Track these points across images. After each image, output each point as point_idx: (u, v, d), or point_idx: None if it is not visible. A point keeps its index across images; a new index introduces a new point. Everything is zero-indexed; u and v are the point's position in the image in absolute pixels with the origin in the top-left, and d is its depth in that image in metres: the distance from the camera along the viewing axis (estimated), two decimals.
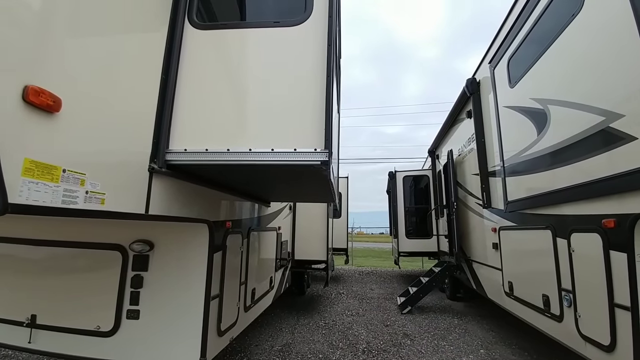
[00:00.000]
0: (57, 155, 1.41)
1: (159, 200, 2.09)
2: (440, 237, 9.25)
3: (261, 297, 4.51)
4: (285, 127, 2.15)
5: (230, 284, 3.31)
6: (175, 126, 2.20)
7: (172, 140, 2.19)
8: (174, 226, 2.74)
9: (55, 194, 1.40)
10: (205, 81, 2.30)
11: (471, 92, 5.63)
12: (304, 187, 3.32)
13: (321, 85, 2.13)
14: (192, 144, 2.17)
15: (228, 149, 2.13)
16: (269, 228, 5.12)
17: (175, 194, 2.37)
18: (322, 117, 2.08)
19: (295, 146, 2.08)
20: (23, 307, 2.94)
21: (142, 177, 1.99)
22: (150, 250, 2.83)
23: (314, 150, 2.05)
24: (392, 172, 10.70)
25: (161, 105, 2.16)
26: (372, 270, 13.99)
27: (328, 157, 2.03)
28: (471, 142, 6.15)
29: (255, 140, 2.15)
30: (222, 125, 2.24)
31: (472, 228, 6.38)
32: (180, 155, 2.17)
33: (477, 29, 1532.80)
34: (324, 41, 2.19)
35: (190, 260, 2.78)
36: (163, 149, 2.13)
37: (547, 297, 3.56)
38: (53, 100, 1.37)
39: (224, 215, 3.30)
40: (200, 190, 2.82)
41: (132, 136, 1.95)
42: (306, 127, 2.10)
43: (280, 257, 5.69)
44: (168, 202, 2.24)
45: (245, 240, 3.86)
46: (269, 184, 3.26)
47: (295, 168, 2.20)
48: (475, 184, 6.10)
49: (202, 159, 2.15)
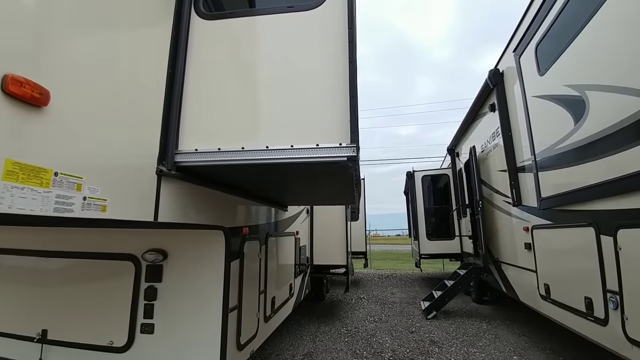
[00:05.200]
0: (47, 156, 1.24)
1: (168, 206, 1.92)
2: (463, 238, 8.89)
3: (281, 305, 4.31)
4: (305, 120, 1.95)
5: (249, 293, 3.13)
6: (184, 124, 2.02)
7: (182, 139, 2.01)
8: (187, 234, 2.57)
9: (45, 201, 1.24)
10: (215, 75, 2.13)
11: (494, 83, 5.32)
12: (326, 187, 3.10)
13: (344, 72, 1.91)
14: (203, 143, 1.99)
15: (243, 147, 1.93)
16: (287, 233, 4.92)
17: (187, 199, 2.20)
18: (346, 107, 1.87)
19: (317, 141, 1.86)
20: (33, 322, 2.82)
21: (150, 180, 1.83)
22: (164, 259, 2.66)
23: (339, 145, 1.83)
24: (410, 172, 10.39)
25: (168, 102, 1.99)
26: (391, 273, 13.66)
27: (355, 152, 1.81)
28: (496, 137, 5.84)
29: (272, 136, 1.95)
30: (235, 121, 2.05)
31: (500, 228, 6.04)
32: (190, 156, 1.99)
33: (489, 29, 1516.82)
34: (344, 24, 1.97)
35: (206, 270, 2.60)
36: (172, 150, 1.96)
37: (590, 299, 3.28)
38: (39, 92, 1.20)
39: (240, 221, 3.13)
40: (213, 194, 2.65)
41: (137, 136, 1.78)
42: (329, 120, 1.89)
43: (299, 262, 5.49)
44: (179, 208, 2.07)
45: (263, 247, 3.68)
46: (288, 185, 3.06)
47: (317, 166, 1.99)
48: (501, 180, 5.79)
49: (214, 159, 1.96)
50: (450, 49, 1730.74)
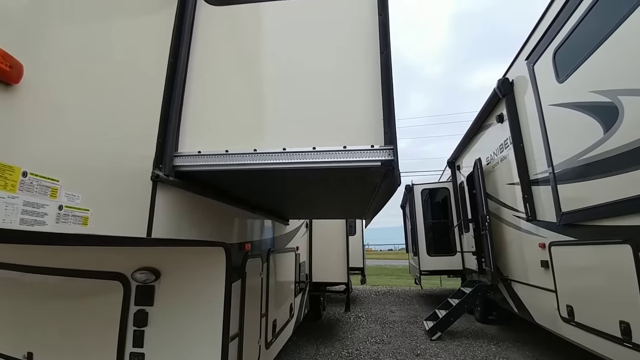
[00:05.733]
0: (13, 149, 0.93)
1: (164, 219, 1.60)
2: (465, 254, 8.61)
3: (282, 328, 3.93)
4: (329, 119, 1.66)
5: (251, 318, 2.77)
6: (186, 122, 1.72)
7: (183, 140, 1.70)
8: (184, 251, 2.24)
9: (10, 210, 0.92)
10: (223, 66, 1.83)
11: (504, 93, 5.14)
12: (340, 199, 2.78)
13: (374, 61, 1.63)
14: (208, 145, 1.68)
15: (255, 150, 1.63)
16: (288, 249, 4.57)
17: (185, 211, 1.87)
18: (378, 103, 1.58)
19: (344, 143, 1.57)
20: (20, 343, 2.50)
21: (143, 187, 1.50)
22: (156, 280, 2.31)
23: (371, 148, 1.55)
24: (409, 186, 10.15)
25: (169, 96, 1.69)
26: (388, 289, 13.28)
27: (392, 155, 1.51)
28: (504, 149, 5.64)
29: (290, 137, 1.66)
30: (245, 120, 1.75)
31: (509, 244, 5.78)
32: (193, 160, 1.68)
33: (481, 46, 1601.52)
34: (373, 4, 1.70)
35: (204, 292, 2.26)
36: (171, 152, 1.65)
37: (627, 324, 2.99)
38: (9, 65, 0.89)
39: (241, 236, 2.79)
40: (212, 205, 2.32)
41: (131, 132, 1.47)
42: (358, 118, 1.60)
43: (299, 280, 5.12)
44: (176, 221, 1.75)
45: (265, 265, 3.33)
46: (297, 195, 2.74)
47: (345, 173, 1.69)
48: (510, 194, 5.57)
49: (221, 163, 1.65)
50: (443, 64, 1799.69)
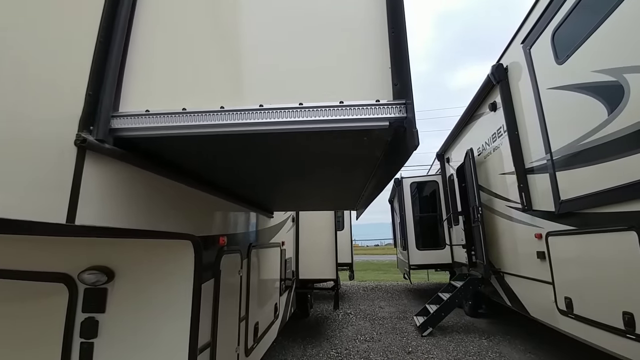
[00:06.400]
0: None
1: (98, 201, 1.21)
2: (454, 248, 8.46)
3: (265, 331, 3.60)
4: (321, 66, 1.30)
5: (227, 323, 2.43)
6: (130, 72, 1.31)
7: (126, 96, 1.29)
8: (142, 246, 1.88)
9: None
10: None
11: (498, 79, 4.92)
12: (335, 181, 2.37)
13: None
14: (161, 102, 1.28)
15: (222, 107, 1.23)
16: (272, 244, 4.23)
17: (135, 193, 1.48)
18: (384, 44, 1.23)
19: (341, 97, 1.20)
20: None
21: (61, 155, 1.10)
22: (109, 281, 1.94)
23: (376, 103, 1.18)
24: (398, 179, 9.93)
25: (107, 34, 1.28)
26: (376, 285, 13.11)
27: (404, 111, 1.15)
28: (496, 138, 5.44)
29: (270, 91, 1.29)
30: (211, 69, 1.38)
31: (501, 235, 5.61)
32: (138, 121, 1.28)
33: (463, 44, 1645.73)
34: None
35: (167, 296, 1.91)
36: (107, 110, 1.23)
37: (631, 315, 2.82)
38: None
39: (215, 228, 2.44)
40: (178, 189, 1.94)
41: (44, 79, 1.06)
42: (358, 65, 1.26)
43: (285, 277, 4.80)
44: (119, 204, 1.35)
45: (245, 261, 2.99)
46: (281, 176, 2.32)
47: (343, 137, 1.32)
48: (502, 184, 5.39)
49: (177, 124, 1.24)
50: (430, 62, 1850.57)
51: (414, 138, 1.07)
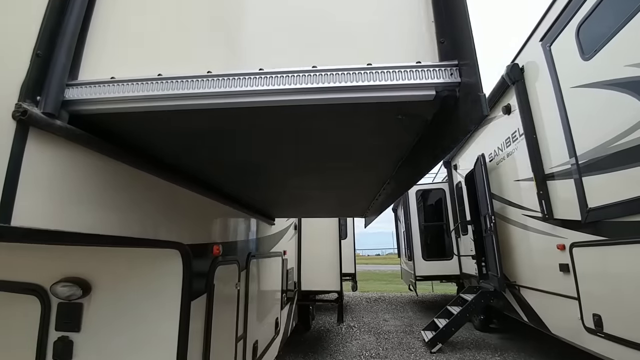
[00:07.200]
0: None
1: (44, 195, 0.90)
2: (462, 258, 8.11)
3: (265, 350, 3.25)
4: (339, 21, 1.00)
5: (221, 345, 2.11)
6: (95, 27, 1.00)
7: (88, 59, 0.99)
8: (121, 254, 1.59)
9: None
10: None
11: (514, 80, 4.66)
12: (354, 175, 1.92)
13: None
14: (129, 68, 1.00)
15: (209, 72, 0.93)
16: (274, 253, 3.91)
17: (95, 186, 1.14)
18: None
19: (368, 59, 0.89)
20: None
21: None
22: (85, 295, 1.65)
23: (417, 64, 0.88)
24: None
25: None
26: (379, 295, 12.72)
27: (458, 76, 0.86)
28: (511, 143, 5.16)
29: (270, 52, 1.00)
30: (197, 24, 1.09)
31: (516, 245, 5.29)
32: (101, 91, 0.96)
33: None
34: None
35: (150, 314, 1.62)
36: (60, 76, 0.93)
37: None
38: None
39: (209, 236, 2.14)
40: (161, 187, 1.63)
41: None
42: (392, 16, 0.96)
43: (287, 289, 4.46)
44: (72, 200, 1.02)
45: (244, 273, 2.67)
46: (285, 171, 1.94)
47: (367, 115, 1.00)
48: (517, 192, 5.10)
49: (150, 94, 0.93)
50: None
51: (479, 107, 0.74)
